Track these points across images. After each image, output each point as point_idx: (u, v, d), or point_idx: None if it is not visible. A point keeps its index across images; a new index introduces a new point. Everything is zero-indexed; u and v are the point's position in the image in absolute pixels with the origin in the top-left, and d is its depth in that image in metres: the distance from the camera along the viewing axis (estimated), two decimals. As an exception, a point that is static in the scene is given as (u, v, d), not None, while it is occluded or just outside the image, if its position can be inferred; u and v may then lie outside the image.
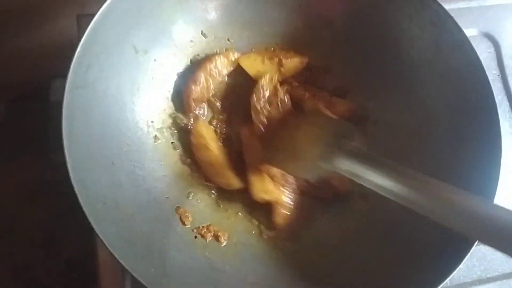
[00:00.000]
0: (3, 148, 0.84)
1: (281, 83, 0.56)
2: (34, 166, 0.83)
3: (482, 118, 0.47)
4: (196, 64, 0.55)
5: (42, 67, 0.73)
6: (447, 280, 0.41)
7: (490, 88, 0.46)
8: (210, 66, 0.54)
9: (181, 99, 0.55)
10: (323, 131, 0.48)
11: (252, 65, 0.55)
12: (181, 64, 0.55)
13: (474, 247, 0.41)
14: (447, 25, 0.50)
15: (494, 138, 0.46)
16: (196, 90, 0.54)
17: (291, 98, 0.55)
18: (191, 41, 0.55)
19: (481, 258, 0.58)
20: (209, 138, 0.53)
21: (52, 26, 0.74)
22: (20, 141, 0.84)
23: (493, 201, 0.43)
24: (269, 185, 0.52)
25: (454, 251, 0.42)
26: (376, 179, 0.41)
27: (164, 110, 0.54)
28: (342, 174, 0.44)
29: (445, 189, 0.39)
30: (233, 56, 0.56)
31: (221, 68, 0.55)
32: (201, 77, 0.54)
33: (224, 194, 0.53)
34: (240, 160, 0.53)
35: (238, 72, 0.57)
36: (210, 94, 0.55)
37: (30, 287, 0.79)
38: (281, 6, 0.56)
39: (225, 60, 0.55)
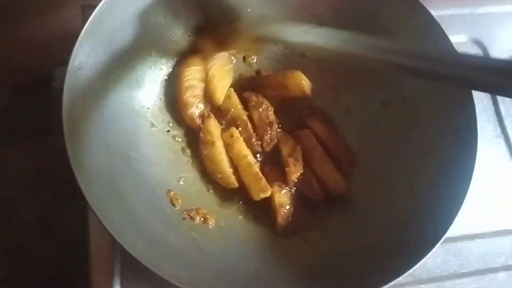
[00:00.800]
0: (6, 132, 0.86)
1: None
2: (35, 152, 0.85)
3: (461, 118, 0.50)
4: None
5: (46, 55, 0.75)
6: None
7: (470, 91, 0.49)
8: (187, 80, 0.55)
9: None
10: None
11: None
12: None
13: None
14: (433, 30, 0.52)
15: (471, 133, 0.48)
16: (188, 109, 0.55)
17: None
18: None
19: (457, 253, 0.60)
20: (216, 136, 0.55)
21: (57, 15, 0.76)
22: (23, 126, 0.86)
23: (465, 194, 0.46)
24: (264, 183, 0.53)
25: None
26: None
27: (160, 99, 0.57)
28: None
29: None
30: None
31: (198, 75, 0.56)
32: (184, 94, 0.55)
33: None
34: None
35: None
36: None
37: (23, 267, 0.81)
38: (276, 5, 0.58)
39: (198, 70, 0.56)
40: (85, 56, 0.46)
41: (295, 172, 0.54)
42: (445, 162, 0.50)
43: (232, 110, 0.57)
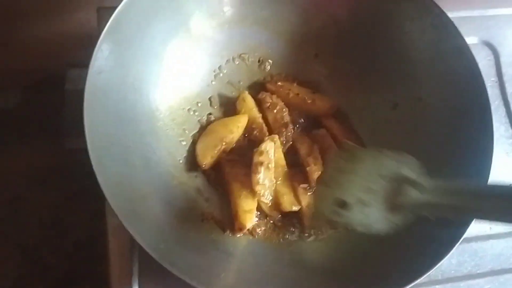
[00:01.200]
0: (17, 132, 0.87)
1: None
2: (46, 151, 0.86)
3: (476, 117, 0.50)
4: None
5: (59, 56, 0.76)
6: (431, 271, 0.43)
7: (485, 89, 0.49)
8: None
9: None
10: (381, 174, 0.41)
11: None
12: (196, 59, 0.58)
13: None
14: (447, 29, 0.53)
15: (487, 135, 0.48)
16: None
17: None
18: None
19: (472, 254, 0.60)
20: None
21: (72, 17, 0.77)
22: (34, 126, 0.87)
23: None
24: (297, 196, 0.53)
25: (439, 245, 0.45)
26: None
27: (178, 103, 0.57)
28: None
29: None
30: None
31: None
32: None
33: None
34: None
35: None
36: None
37: (36, 266, 0.82)
38: (290, 5, 0.59)
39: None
40: (104, 60, 0.46)
41: (316, 170, 0.54)
42: (461, 163, 0.50)
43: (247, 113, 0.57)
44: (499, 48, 0.74)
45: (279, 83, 0.59)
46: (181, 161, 0.55)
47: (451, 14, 0.73)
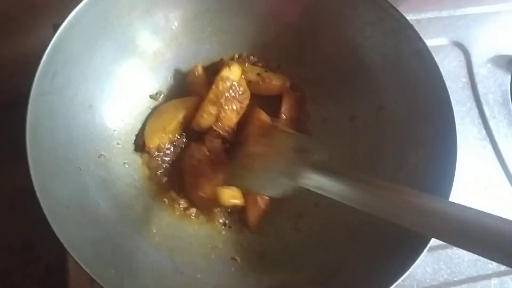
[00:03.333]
0: (-17, 155, 0.84)
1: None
2: (14, 173, 0.83)
3: (440, 122, 0.48)
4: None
5: (23, 75, 0.74)
6: (400, 280, 0.42)
7: (447, 92, 0.48)
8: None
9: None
10: (282, 147, 0.49)
11: None
12: (146, 76, 0.57)
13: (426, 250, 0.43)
14: (407, 32, 0.51)
15: (450, 140, 0.47)
16: None
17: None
18: (156, 52, 0.56)
19: (448, 261, 0.58)
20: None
21: (33, 36, 0.75)
22: (0, 148, 0.85)
23: (448, 198, 0.44)
24: (236, 190, 0.52)
25: (408, 251, 0.43)
26: (338, 190, 0.42)
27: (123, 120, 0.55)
28: (307, 188, 0.44)
29: (405, 193, 0.41)
30: None
31: None
32: None
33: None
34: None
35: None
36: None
37: (9, 293, 0.79)
38: (248, 15, 0.58)
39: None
40: (49, 81, 0.45)
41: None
42: (425, 168, 0.48)
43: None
44: (469, 49, 0.73)
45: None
46: (136, 181, 0.53)
47: (418, 16, 0.73)
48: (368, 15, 0.53)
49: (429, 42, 0.51)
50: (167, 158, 0.55)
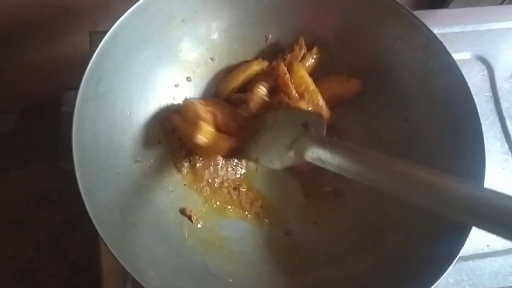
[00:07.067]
0: (15, 155, 0.87)
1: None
2: (43, 174, 0.86)
3: (468, 136, 0.49)
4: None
5: (55, 79, 0.77)
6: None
7: (475, 108, 0.49)
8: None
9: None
10: (289, 123, 0.51)
11: None
12: (183, 84, 0.58)
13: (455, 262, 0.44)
14: (436, 48, 0.52)
15: (479, 155, 0.48)
16: None
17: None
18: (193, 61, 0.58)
19: (470, 273, 0.59)
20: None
21: (66, 41, 0.78)
22: (31, 149, 0.88)
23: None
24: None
25: (438, 262, 0.45)
26: (342, 163, 0.44)
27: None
28: (311, 162, 0.46)
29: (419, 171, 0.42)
30: None
31: None
32: None
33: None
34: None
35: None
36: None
37: (35, 291, 0.82)
38: (277, 26, 0.60)
39: None
40: (94, 87, 0.47)
41: None
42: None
43: None
44: (493, 63, 0.74)
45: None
46: (171, 187, 0.55)
47: (443, 30, 0.74)
48: (398, 30, 0.54)
49: (453, 56, 0.53)
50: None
